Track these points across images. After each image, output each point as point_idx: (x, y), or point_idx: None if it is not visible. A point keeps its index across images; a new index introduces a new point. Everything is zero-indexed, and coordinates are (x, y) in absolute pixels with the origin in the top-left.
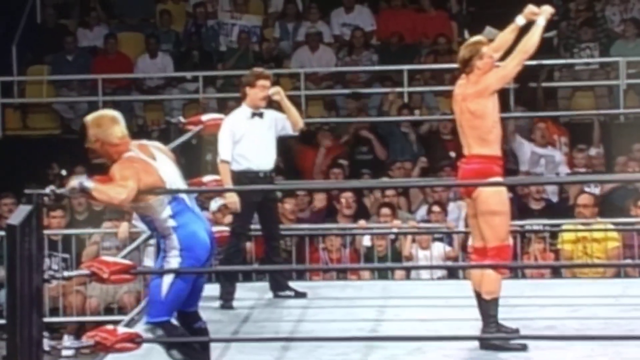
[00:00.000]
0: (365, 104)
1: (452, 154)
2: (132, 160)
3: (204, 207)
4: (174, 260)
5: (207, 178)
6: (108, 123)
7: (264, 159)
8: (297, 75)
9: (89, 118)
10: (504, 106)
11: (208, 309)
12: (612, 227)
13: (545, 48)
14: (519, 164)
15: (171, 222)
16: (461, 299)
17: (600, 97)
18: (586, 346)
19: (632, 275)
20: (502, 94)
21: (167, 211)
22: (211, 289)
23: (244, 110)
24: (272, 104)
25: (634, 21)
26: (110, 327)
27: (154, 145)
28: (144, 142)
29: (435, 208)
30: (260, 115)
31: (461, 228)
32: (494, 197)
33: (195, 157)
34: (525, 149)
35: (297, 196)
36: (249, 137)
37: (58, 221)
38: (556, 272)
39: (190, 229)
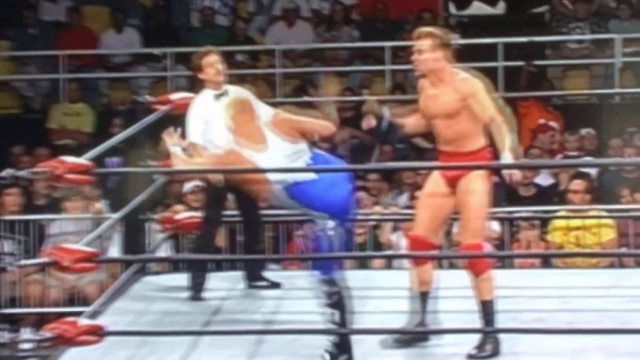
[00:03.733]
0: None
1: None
2: None
3: None
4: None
5: None
6: None
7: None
8: (272, 52)
9: None
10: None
11: (177, 300)
12: (606, 214)
13: (536, 24)
14: None
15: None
16: (445, 289)
17: (595, 77)
18: (578, 340)
19: (628, 265)
20: (491, 73)
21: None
22: (180, 279)
23: (206, 94)
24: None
25: (627, 2)
26: (72, 319)
27: None
28: None
29: (419, 194)
30: (225, 94)
31: None
32: (483, 194)
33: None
34: None
35: None
36: (216, 120)
37: (13, 199)
38: (546, 262)
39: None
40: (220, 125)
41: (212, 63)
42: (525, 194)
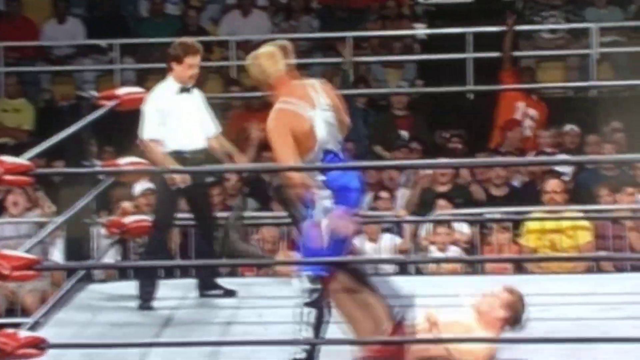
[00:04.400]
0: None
1: (405, 134)
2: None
3: None
4: (326, 202)
5: (123, 160)
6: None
7: (193, 138)
8: (226, 43)
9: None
10: (460, 79)
11: (124, 309)
12: (582, 216)
13: (506, 11)
14: None
15: (321, 177)
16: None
17: (570, 68)
18: (556, 350)
19: (606, 270)
20: (459, 66)
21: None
22: (128, 288)
23: (170, 85)
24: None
25: None
26: (11, 330)
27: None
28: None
29: (384, 194)
30: (189, 90)
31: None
32: None
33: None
34: None
35: (228, 180)
36: (177, 114)
37: None
38: (520, 267)
39: (342, 181)
40: (187, 120)
41: (193, 65)
42: (498, 193)
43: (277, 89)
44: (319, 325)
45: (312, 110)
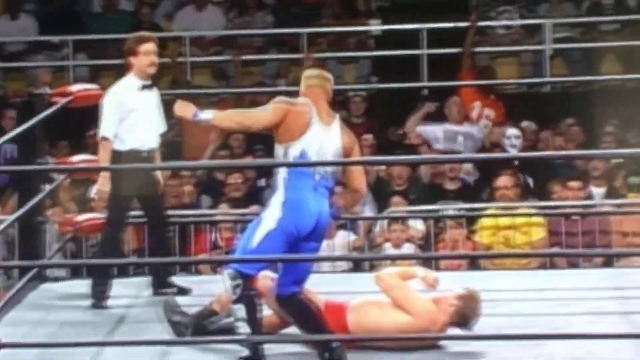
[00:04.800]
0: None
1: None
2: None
3: None
4: (275, 209)
5: (76, 158)
6: None
7: (151, 137)
8: (180, 39)
9: None
10: (414, 75)
11: (77, 308)
12: (536, 212)
13: (462, 8)
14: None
15: (285, 177)
16: (367, 294)
17: (524, 64)
18: (508, 346)
19: (560, 266)
20: (414, 61)
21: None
22: (81, 286)
23: (131, 81)
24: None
25: None
26: None
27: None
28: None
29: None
30: (150, 87)
31: (367, 213)
32: None
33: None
34: (436, 129)
35: (181, 178)
36: (138, 111)
37: None
38: (474, 263)
39: (302, 195)
40: (147, 117)
41: (149, 52)
42: (450, 187)
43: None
44: (253, 319)
45: (319, 124)
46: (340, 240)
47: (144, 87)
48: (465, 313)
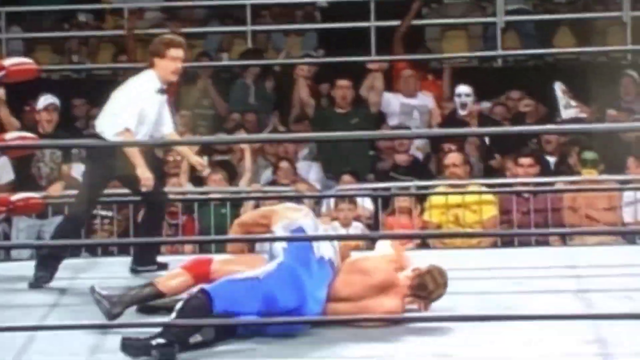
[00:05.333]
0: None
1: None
2: None
3: None
4: (270, 266)
5: (9, 135)
6: None
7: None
8: (120, 11)
9: None
10: (364, 48)
11: (13, 291)
12: (487, 190)
13: None
14: (387, 118)
15: (285, 247)
16: None
17: (474, 37)
18: (460, 325)
19: (511, 244)
20: (363, 35)
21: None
22: (17, 269)
23: (152, 82)
24: None
25: None
26: None
27: None
28: None
29: (284, 164)
30: (164, 92)
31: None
32: None
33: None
34: (392, 101)
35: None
36: (150, 115)
37: None
38: (424, 243)
39: (300, 268)
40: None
41: (176, 58)
42: (400, 162)
43: None
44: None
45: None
46: None
47: (161, 91)
48: (425, 282)
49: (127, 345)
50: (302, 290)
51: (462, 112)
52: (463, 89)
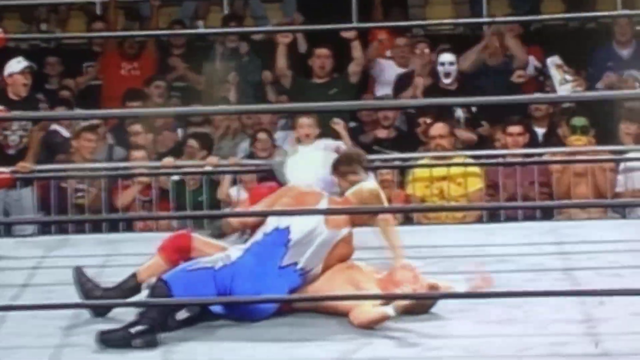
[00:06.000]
0: None
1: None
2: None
3: None
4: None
5: None
6: None
7: None
8: None
9: None
10: (345, 15)
11: None
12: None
13: None
14: (376, 86)
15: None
16: None
17: (460, 4)
18: (443, 305)
19: (497, 218)
20: (343, 0)
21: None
22: None
23: None
24: None
25: None
26: None
27: None
28: None
29: (261, 135)
30: None
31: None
32: None
33: None
34: (386, 69)
35: (96, 128)
36: None
37: None
38: (407, 217)
39: (261, 266)
40: None
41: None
42: (383, 136)
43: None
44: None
45: None
46: None
47: None
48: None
49: (105, 340)
50: (259, 286)
51: (446, 82)
52: (447, 57)
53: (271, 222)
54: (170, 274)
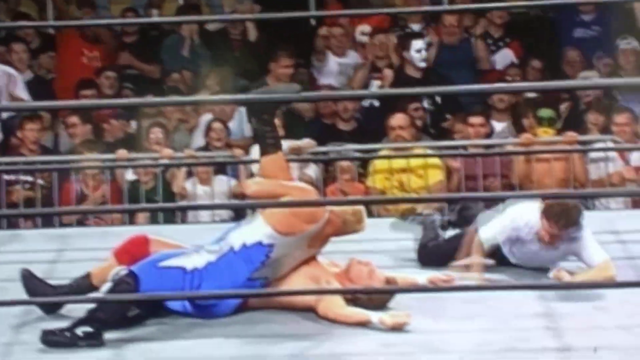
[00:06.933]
0: None
1: None
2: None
3: None
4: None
5: None
6: None
7: None
8: None
9: None
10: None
11: None
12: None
13: None
14: (321, 77)
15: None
16: None
17: None
18: (401, 300)
19: None
20: None
21: None
22: None
23: None
24: None
25: None
26: None
27: None
28: None
29: (216, 125)
30: None
31: (253, 155)
32: None
33: None
34: (330, 60)
35: (41, 119)
36: None
37: None
38: (367, 210)
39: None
40: None
41: None
42: (345, 128)
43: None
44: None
45: None
46: (220, 187)
47: None
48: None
49: (49, 340)
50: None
51: (420, 65)
52: (418, 44)
53: (257, 233)
54: (140, 267)
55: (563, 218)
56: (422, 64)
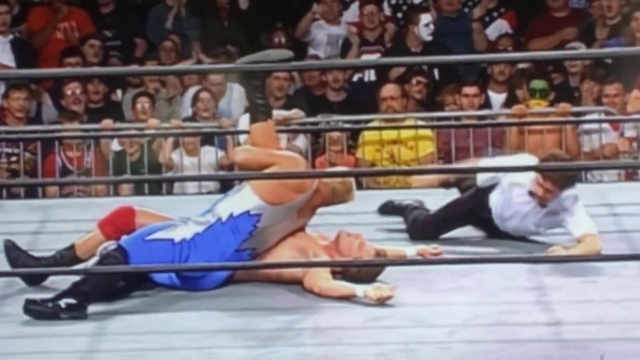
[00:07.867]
0: None
1: None
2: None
3: None
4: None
5: None
6: None
7: None
8: None
9: None
10: None
11: None
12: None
13: None
14: (310, 48)
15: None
16: None
17: None
18: (392, 272)
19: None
20: None
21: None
22: None
23: None
24: None
25: None
26: None
27: None
28: None
29: (204, 95)
30: None
31: (243, 126)
32: None
33: None
34: (318, 31)
35: (29, 89)
36: None
37: None
38: (357, 182)
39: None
40: None
41: None
42: (335, 99)
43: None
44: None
45: None
46: (207, 158)
47: None
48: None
49: (32, 310)
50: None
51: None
52: (427, 17)
53: (244, 203)
54: (128, 241)
55: (557, 173)
56: (429, 38)
